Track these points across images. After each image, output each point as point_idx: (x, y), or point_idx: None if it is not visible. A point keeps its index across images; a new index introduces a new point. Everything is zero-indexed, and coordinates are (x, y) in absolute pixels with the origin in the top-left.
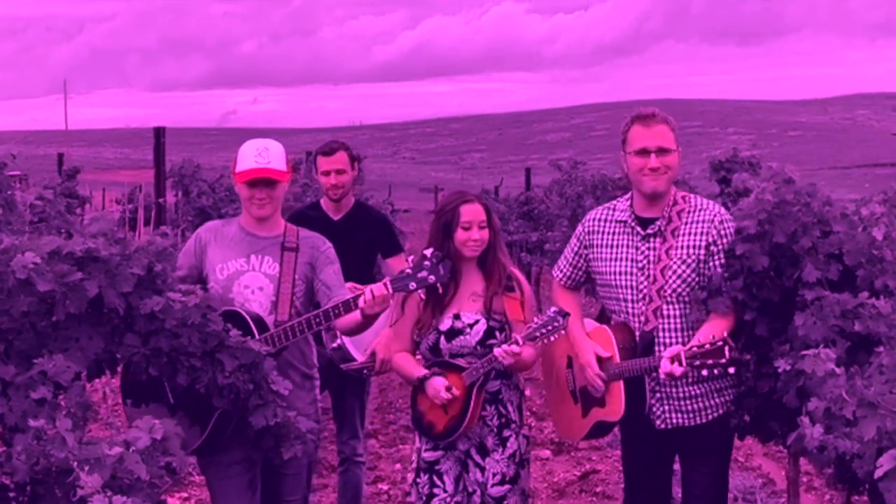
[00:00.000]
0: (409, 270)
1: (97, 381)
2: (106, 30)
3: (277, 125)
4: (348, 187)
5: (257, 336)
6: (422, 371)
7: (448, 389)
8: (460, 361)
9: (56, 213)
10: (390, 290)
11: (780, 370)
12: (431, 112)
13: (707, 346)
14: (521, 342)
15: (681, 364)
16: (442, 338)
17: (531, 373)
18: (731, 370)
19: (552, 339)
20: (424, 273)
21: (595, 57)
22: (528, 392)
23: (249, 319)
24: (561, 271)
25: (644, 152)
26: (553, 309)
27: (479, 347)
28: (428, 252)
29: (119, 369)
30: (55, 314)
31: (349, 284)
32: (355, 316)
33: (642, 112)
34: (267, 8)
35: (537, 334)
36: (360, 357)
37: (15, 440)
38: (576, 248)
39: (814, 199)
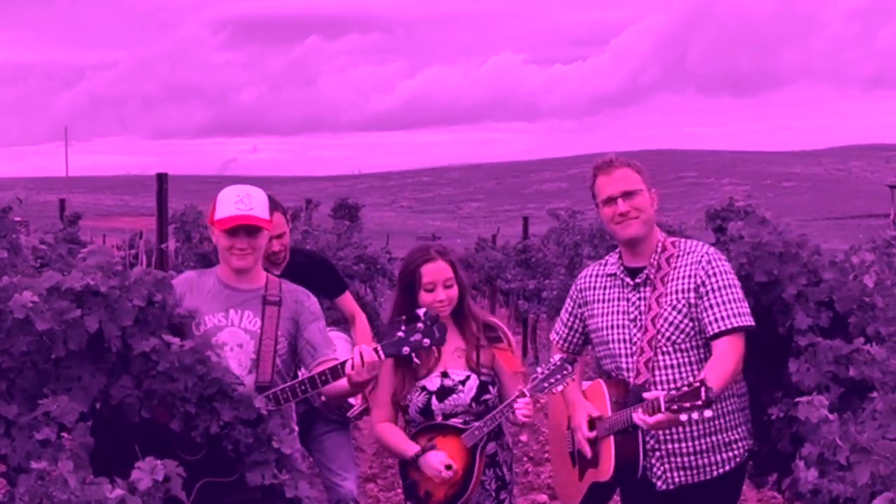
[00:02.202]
0: (401, 334)
1: None
2: (107, 77)
3: (277, 173)
4: (289, 246)
5: None
6: (414, 447)
7: (448, 467)
8: (455, 421)
9: (58, 256)
10: (382, 356)
11: (773, 417)
12: (429, 161)
13: (685, 388)
14: (528, 394)
15: (660, 410)
16: (433, 398)
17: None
18: (708, 413)
19: (559, 389)
20: (419, 336)
21: (591, 108)
22: (524, 437)
23: None
24: (558, 334)
25: (611, 200)
26: (558, 356)
27: (473, 405)
28: (421, 312)
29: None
30: (55, 351)
31: (332, 334)
32: (343, 383)
33: (600, 162)
34: (267, 57)
35: (545, 385)
36: (355, 401)
37: (18, 481)
38: (570, 309)
39: (803, 249)
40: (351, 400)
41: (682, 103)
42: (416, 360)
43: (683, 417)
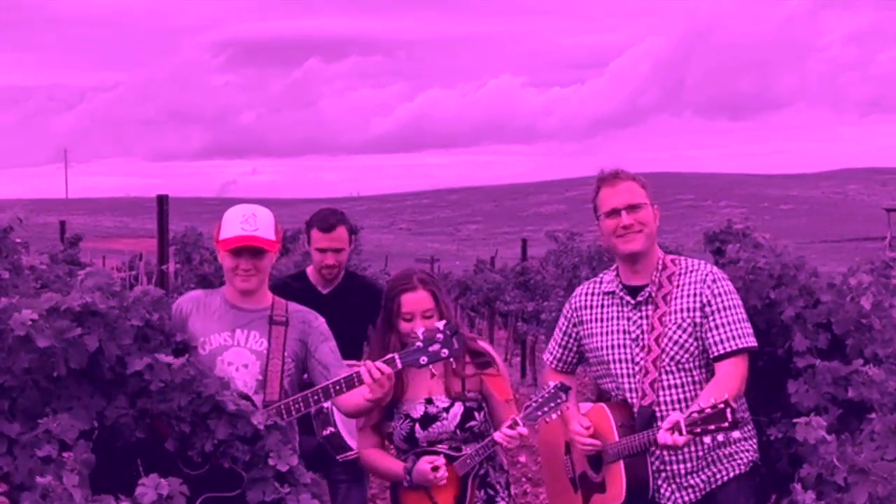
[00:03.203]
0: (419, 343)
1: None
2: (107, 99)
3: (276, 195)
4: (344, 265)
5: None
6: (401, 463)
7: (435, 469)
8: (442, 447)
9: (55, 276)
10: (398, 365)
11: (772, 437)
12: (428, 183)
13: (708, 410)
14: (521, 423)
15: (681, 433)
16: (417, 426)
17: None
18: (736, 434)
19: (554, 416)
20: (437, 346)
21: (590, 130)
22: (523, 458)
23: None
24: (551, 354)
25: (614, 212)
26: (553, 384)
27: (458, 432)
28: (440, 324)
29: None
30: (56, 370)
31: (346, 362)
32: (358, 398)
33: (606, 173)
34: (266, 79)
35: (539, 413)
36: (354, 444)
37: (22, 498)
38: (564, 328)
39: (801, 271)
40: (351, 442)
41: (680, 126)
42: (432, 370)
43: (707, 440)
